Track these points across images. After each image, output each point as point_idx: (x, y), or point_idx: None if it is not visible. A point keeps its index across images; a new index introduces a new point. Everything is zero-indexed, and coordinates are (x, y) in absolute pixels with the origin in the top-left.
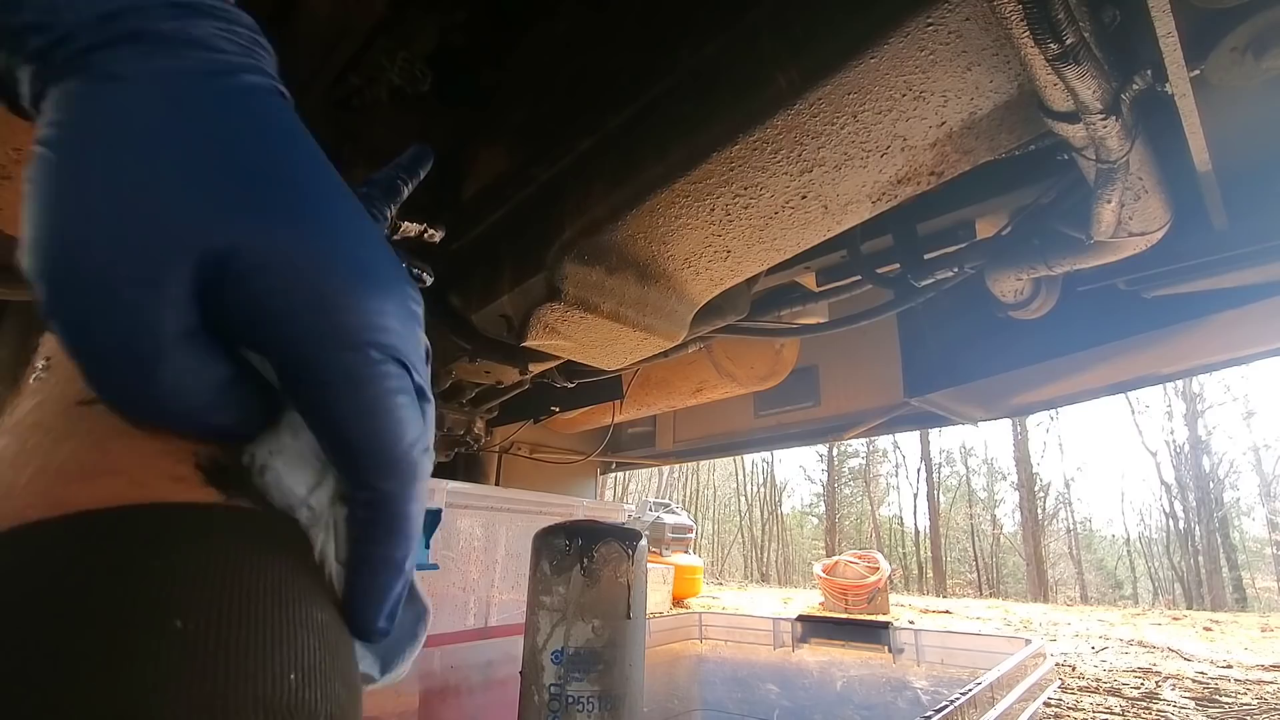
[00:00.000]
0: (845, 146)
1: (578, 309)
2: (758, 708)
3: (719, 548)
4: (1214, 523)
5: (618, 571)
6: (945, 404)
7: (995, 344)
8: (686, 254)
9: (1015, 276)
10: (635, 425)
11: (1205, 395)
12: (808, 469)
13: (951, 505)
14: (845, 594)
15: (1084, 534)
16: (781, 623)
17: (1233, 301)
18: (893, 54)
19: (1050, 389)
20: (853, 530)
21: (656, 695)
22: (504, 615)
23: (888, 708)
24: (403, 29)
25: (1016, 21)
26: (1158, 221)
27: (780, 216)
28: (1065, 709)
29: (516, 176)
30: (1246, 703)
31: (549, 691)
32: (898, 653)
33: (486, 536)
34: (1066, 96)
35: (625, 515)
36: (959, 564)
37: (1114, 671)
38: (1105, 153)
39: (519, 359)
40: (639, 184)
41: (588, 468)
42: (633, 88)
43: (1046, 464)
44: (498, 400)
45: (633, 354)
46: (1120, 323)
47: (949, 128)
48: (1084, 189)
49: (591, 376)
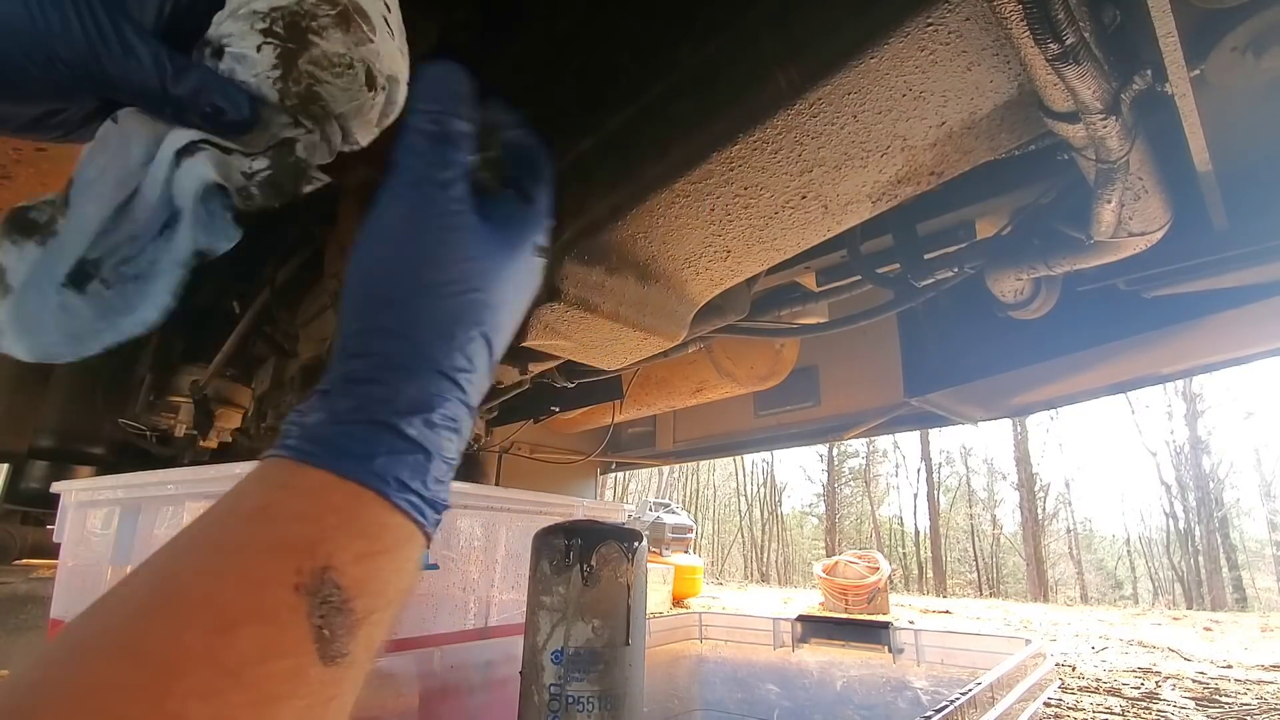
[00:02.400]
0: (845, 146)
1: (578, 309)
2: (758, 708)
3: (719, 548)
4: (1214, 523)
5: (618, 571)
6: (945, 404)
7: (995, 344)
8: (686, 254)
9: (1015, 276)
10: (635, 425)
11: (1205, 395)
12: (808, 469)
13: (951, 505)
14: (845, 594)
15: (1084, 534)
16: (781, 623)
17: (1233, 301)
18: (893, 54)
19: (1050, 389)
20: (853, 530)
21: (656, 695)
22: (504, 615)
23: (888, 708)
24: None
25: (1016, 21)
26: (1158, 221)
27: (780, 216)
28: (1065, 709)
29: None
30: (1246, 703)
31: (549, 691)
32: (898, 653)
33: (486, 536)
34: (1066, 96)
35: (625, 515)
36: (959, 564)
37: (1114, 671)
38: (1105, 153)
39: (519, 359)
40: (639, 184)
41: (588, 468)
42: (633, 88)
43: (1046, 464)
44: (498, 400)
45: (633, 354)
46: (1120, 323)
47: (949, 128)
48: (1084, 189)
49: (591, 376)
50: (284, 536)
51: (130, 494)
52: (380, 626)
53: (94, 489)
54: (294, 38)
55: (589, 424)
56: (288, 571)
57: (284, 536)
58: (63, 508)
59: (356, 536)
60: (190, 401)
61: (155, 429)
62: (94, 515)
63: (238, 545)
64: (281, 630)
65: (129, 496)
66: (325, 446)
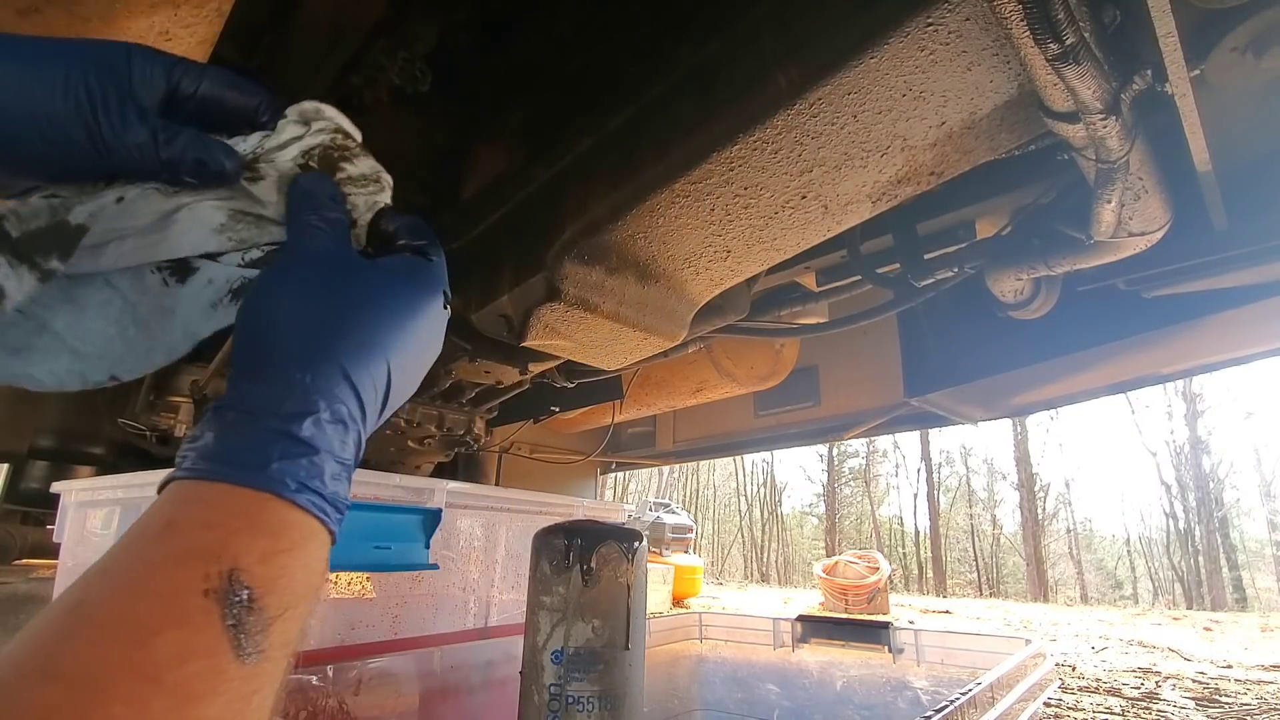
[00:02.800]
0: (845, 146)
1: (578, 309)
2: (758, 708)
3: (719, 548)
4: (1214, 523)
5: (618, 572)
6: (945, 404)
7: (995, 344)
8: (686, 254)
9: (1015, 276)
10: (635, 425)
11: (1205, 395)
12: (808, 469)
13: (951, 505)
14: (845, 594)
15: (1084, 534)
16: (781, 623)
17: (1233, 301)
18: (893, 54)
19: (1050, 389)
20: (853, 530)
21: (656, 695)
22: (504, 615)
23: (888, 708)
24: (403, 29)
25: (1016, 21)
26: (1158, 221)
27: (780, 216)
28: (1065, 709)
29: (516, 176)
30: (1246, 703)
31: (549, 691)
32: (898, 653)
33: (486, 536)
34: (1066, 96)
35: (625, 515)
36: (959, 564)
37: (1114, 671)
38: (1105, 153)
39: (519, 359)
40: (639, 184)
41: (588, 468)
42: (633, 87)
43: (1046, 464)
44: (498, 400)
45: (633, 354)
46: (1120, 323)
47: (949, 128)
48: (1084, 189)
49: (591, 376)
50: (190, 546)
51: (130, 494)
52: (294, 622)
53: (94, 489)
54: (326, 168)
55: (589, 424)
56: (196, 578)
57: (190, 546)
58: (63, 508)
59: (260, 537)
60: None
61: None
62: (94, 515)
63: (147, 561)
64: (196, 634)
65: (129, 496)
66: (220, 461)
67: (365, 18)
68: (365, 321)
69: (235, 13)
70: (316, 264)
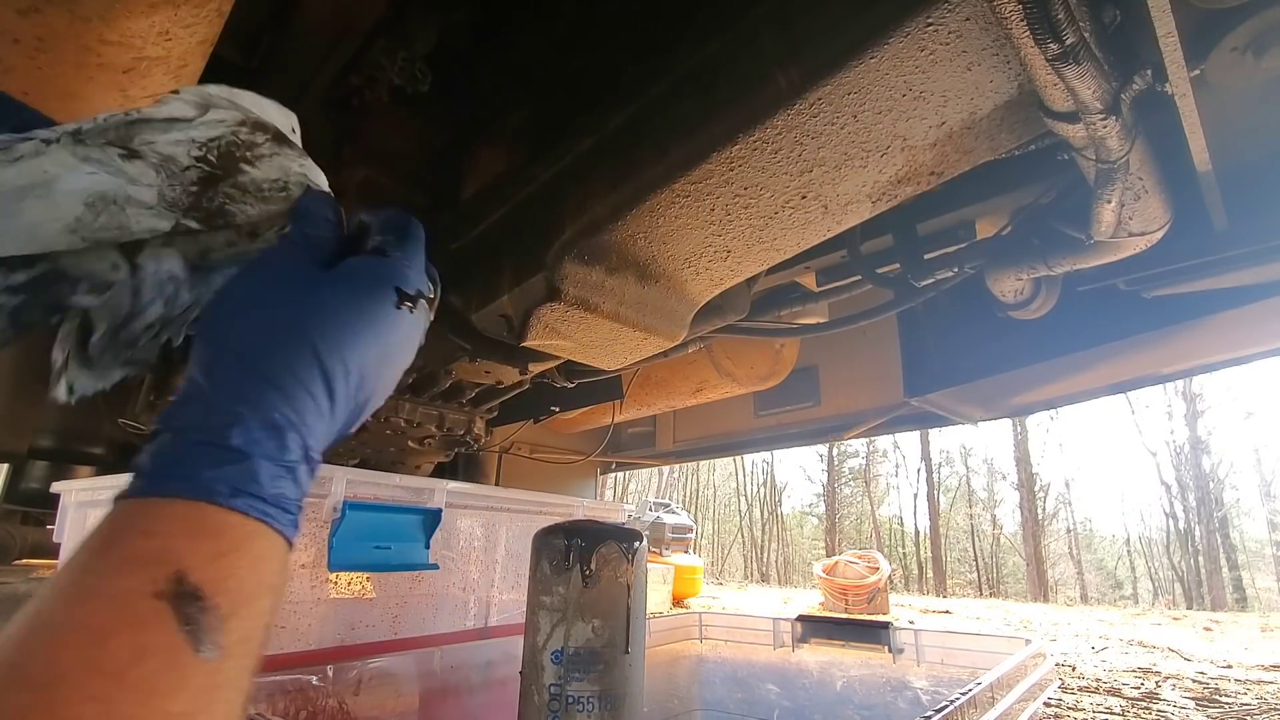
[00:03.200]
0: (845, 146)
1: (578, 309)
2: (758, 708)
3: (719, 548)
4: (1214, 523)
5: (618, 572)
6: (945, 404)
7: (995, 344)
8: (686, 254)
9: (1015, 276)
10: (635, 425)
11: (1205, 395)
12: (808, 469)
13: (951, 505)
14: (845, 594)
15: (1084, 534)
16: (781, 623)
17: (1233, 301)
18: (893, 54)
19: (1050, 389)
20: (853, 530)
21: (656, 695)
22: (504, 615)
23: (888, 708)
24: (403, 29)
25: (1016, 21)
26: (1158, 221)
27: (780, 216)
28: (1065, 709)
29: (516, 176)
30: (1246, 703)
31: (549, 691)
32: (898, 653)
33: (486, 536)
34: (1066, 96)
35: (625, 515)
36: (959, 564)
37: (1114, 671)
38: (1105, 153)
39: (519, 359)
40: (639, 184)
41: (588, 468)
42: (633, 88)
43: (1046, 464)
44: (498, 400)
45: (633, 354)
46: (1120, 323)
47: (949, 128)
48: (1084, 189)
49: (591, 376)
50: (136, 554)
51: None
52: (251, 620)
53: (94, 489)
54: (224, 166)
55: (589, 424)
56: (144, 581)
57: (136, 554)
58: (63, 508)
59: (203, 540)
60: None
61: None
62: (94, 515)
63: (93, 571)
64: (151, 634)
65: None
66: (152, 478)
67: (365, 18)
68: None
69: (235, 13)
70: (256, 282)
